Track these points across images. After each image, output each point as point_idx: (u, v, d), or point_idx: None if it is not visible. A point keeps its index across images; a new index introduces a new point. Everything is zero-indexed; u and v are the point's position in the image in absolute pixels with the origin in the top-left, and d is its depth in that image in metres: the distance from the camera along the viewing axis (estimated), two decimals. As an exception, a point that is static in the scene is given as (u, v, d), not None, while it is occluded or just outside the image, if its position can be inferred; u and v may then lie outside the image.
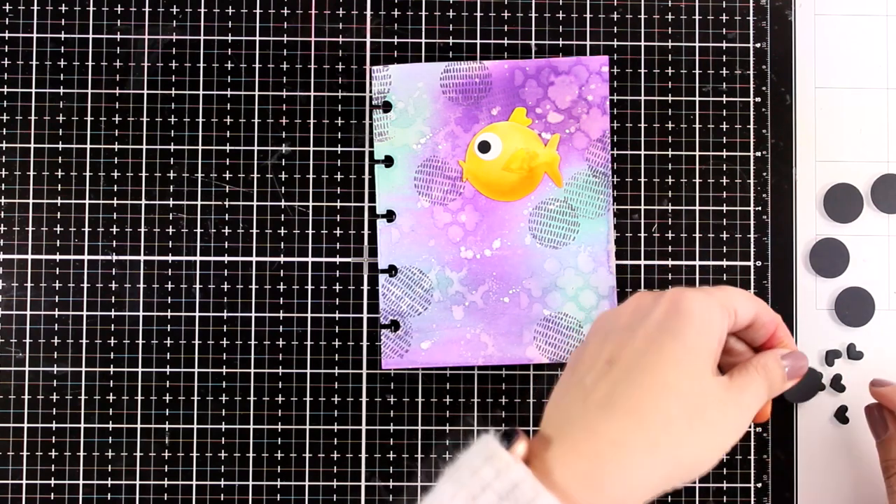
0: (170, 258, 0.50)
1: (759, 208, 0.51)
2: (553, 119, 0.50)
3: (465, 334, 0.50)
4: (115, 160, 0.51)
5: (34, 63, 0.51)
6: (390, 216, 0.50)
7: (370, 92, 0.50)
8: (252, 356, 0.50)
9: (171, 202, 0.50)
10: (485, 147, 0.50)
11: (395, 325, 0.50)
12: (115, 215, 0.50)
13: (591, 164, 0.50)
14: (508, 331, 0.50)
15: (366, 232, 0.50)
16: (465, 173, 0.50)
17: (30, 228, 0.50)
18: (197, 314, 0.50)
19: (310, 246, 0.50)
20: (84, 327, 0.50)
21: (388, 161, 0.50)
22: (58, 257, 0.50)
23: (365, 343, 0.50)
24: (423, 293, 0.50)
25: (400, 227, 0.50)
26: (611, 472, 0.32)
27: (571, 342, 0.50)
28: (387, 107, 0.50)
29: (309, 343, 0.50)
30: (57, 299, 0.50)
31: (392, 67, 0.50)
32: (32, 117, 0.51)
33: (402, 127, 0.50)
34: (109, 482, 0.50)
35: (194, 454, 0.50)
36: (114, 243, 0.50)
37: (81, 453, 0.50)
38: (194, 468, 0.49)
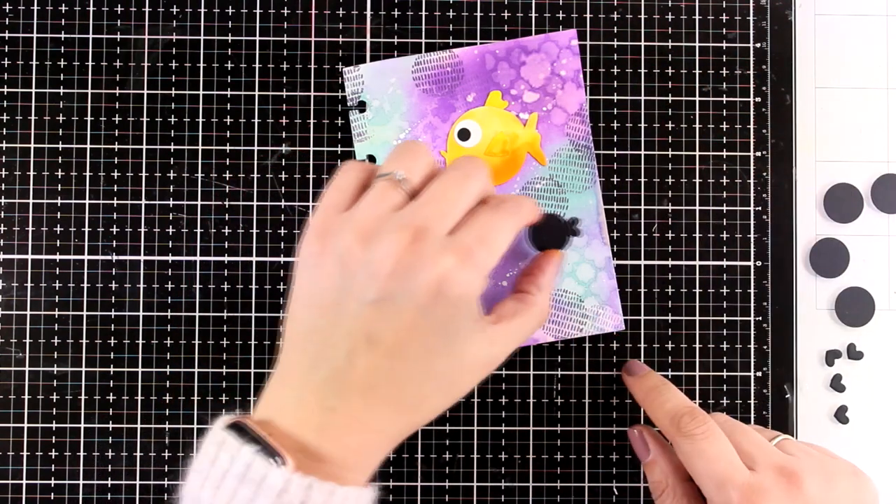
0: (170, 258, 0.50)
1: (759, 208, 0.51)
2: (529, 98, 0.50)
3: None
4: (115, 160, 0.50)
5: (34, 63, 0.51)
6: None
7: (343, 93, 0.50)
8: (252, 356, 0.50)
9: (171, 202, 0.50)
10: (464, 135, 0.50)
11: None
12: (115, 215, 0.50)
13: (573, 139, 0.50)
14: None
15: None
16: (448, 163, 0.50)
17: (30, 228, 0.50)
18: (197, 314, 0.50)
19: (310, 246, 0.50)
20: (84, 327, 0.50)
21: (371, 160, 0.50)
22: (58, 257, 0.50)
23: (365, 343, 0.50)
24: None
25: None
26: (365, 447, 0.33)
27: (574, 317, 0.50)
28: (362, 106, 0.50)
29: (309, 343, 0.50)
30: (57, 299, 0.50)
31: (362, 67, 0.50)
32: (32, 117, 0.51)
33: (380, 124, 0.50)
34: (109, 482, 0.50)
35: (194, 454, 0.49)
36: (114, 243, 0.50)
37: (81, 453, 0.50)
38: (194, 468, 0.49)
